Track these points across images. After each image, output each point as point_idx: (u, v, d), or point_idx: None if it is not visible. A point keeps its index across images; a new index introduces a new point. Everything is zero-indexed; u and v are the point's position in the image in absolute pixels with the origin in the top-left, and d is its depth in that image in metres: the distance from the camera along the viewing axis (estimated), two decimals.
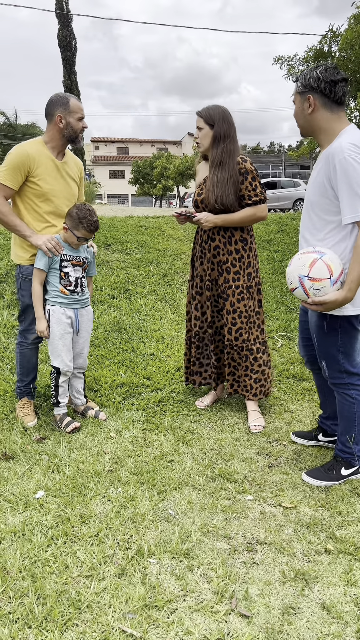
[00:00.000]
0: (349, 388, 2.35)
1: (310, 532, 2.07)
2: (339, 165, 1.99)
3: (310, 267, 2.06)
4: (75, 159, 3.07)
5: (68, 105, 2.80)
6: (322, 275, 2.04)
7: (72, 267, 2.90)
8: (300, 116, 2.23)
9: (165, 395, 3.45)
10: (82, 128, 2.88)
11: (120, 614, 1.64)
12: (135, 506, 2.20)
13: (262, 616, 1.63)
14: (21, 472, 2.47)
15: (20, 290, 2.98)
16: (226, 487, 2.39)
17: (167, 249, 6.63)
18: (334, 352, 2.30)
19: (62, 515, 2.14)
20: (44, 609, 1.65)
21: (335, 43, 7.36)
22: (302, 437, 2.86)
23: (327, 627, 1.60)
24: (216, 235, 3.03)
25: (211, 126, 2.91)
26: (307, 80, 2.12)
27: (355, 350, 2.30)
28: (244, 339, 3.10)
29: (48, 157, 2.83)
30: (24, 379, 3.12)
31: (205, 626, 1.60)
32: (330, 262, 2.05)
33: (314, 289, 2.07)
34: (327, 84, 2.08)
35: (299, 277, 2.11)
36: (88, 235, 2.83)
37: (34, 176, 2.77)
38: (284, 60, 8.06)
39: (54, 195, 2.85)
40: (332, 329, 2.26)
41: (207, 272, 3.11)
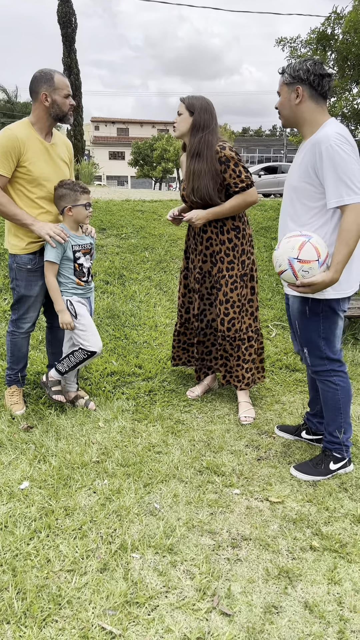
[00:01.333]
0: (331, 375, 2.37)
1: (296, 528, 2.06)
2: (325, 152, 2.06)
3: (300, 249, 2.11)
4: (63, 138, 2.96)
5: (53, 81, 2.66)
6: (310, 257, 2.10)
7: (83, 257, 2.85)
8: (286, 107, 2.27)
9: (156, 385, 3.42)
10: (69, 105, 2.74)
11: (100, 610, 1.62)
12: (120, 499, 2.18)
13: (244, 615, 1.62)
14: (7, 462, 2.45)
15: (15, 280, 2.88)
16: (213, 480, 2.36)
17: (163, 234, 6.55)
18: (315, 338, 2.34)
19: (47, 507, 2.11)
20: (23, 604, 1.63)
21: (339, 25, 7.19)
22: (285, 431, 2.84)
23: (308, 627, 1.58)
24: (208, 227, 2.99)
25: (191, 113, 2.86)
26: (297, 71, 2.18)
27: (336, 337, 2.34)
28: (237, 329, 3.06)
29: (36, 139, 2.71)
30: (14, 367, 3.07)
31: (186, 624, 1.58)
32: (317, 244, 2.12)
33: (303, 270, 2.13)
34: (316, 76, 2.16)
35: (288, 260, 2.15)
36: (89, 198, 2.80)
37: (24, 160, 2.65)
38: (286, 42, 7.89)
39: (45, 180, 2.74)
40: (314, 314, 2.30)
41: (199, 265, 3.08)
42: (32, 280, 2.85)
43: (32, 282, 2.86)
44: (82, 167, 14.64)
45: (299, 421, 3.00)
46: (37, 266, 2.83)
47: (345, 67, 7.40)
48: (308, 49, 7.69)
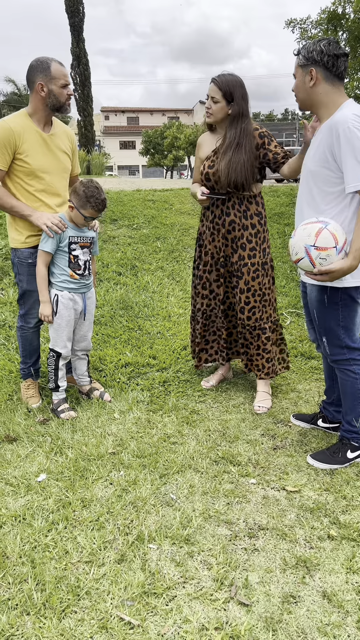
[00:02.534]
0: (351, 363, 2.33)
1: (313, 517, 2.04)
2: (343, 134, 1.99)
3: (317, 236, 2.06)
4: (65, 128, 2.88)
5: (49, 70, 2.57)
6: (328, 244, 2.04)
7: (80, 250, 2.79)
8: (301, 89, 2.21)
9: (171, 375, 3.41)
10: (67, 95, 2.66)
11: (118, 601, 1.63)
12: (137, 490, 2.19)
13: (262, 605, 1.62)
14: (24, 455, 2.47)
15: (18, 274, 2.87)
16: (229, 470, 2.36)
17: (174, 223, 6.52)
18: (335, 327, 2.29)
19: (64, 499, 2.13)
20: (42, 596, 1.65)
21: (350, 4, 7.02)
22: (301, 419, 2.82)
23: (327, 617, 1.58)
24: (231, 210, 2.91)
25: (229, 102, 2.75)
26: (310, 53, 2.11)
27: (355, 325, 2.29)
28: (257, 318, 3.02)
29: (34, 130, 2.65)
30: (27, 360, 3.08)
31: (204, 614, 1.58)
32: (335, 231, 2.06)
33: (320, 258, 2.07)
34: (330, 57, 2.09)
35: (305, 247, 2.09)
36: (95, 215, 2.71)
37: (21, 152, 2.60)
38: (296, 24, 7.73)
39: (44, 172, 2.70)
40: (333, 303, 2.25)
41: (221, 249, 3.00)
42: (34, 274, 2.81)
43: (34, 277, 2.82)
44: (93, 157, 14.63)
45: (315, 409, 2.98)
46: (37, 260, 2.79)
47: (357, 46, 7.24)
48: (319, 30, 7.54)
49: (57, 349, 2.87)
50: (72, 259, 2.77)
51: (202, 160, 2.98)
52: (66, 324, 2.83)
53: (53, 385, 2.92)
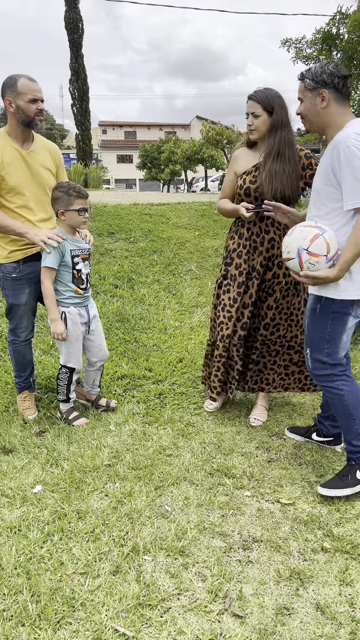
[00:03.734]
0: (334, 379, 2.29)
1: (307, 529, 2.06)
2: (343, 153, 2.03)
3: (312, 241, 2.11)
4: (47, 144, 2.87)
5: (15, 86, 2.57)
6: (320, 251, 2.10)
7: (82, 263, 2.79)
8: (312, 112, 2.22)
9: (166, 388, 3.44)
10: (36, 110, 2.60)
11: (113, 613, 1.64)
12: (132, 502, 2.20)
13: (256, 616, 1.63)
14: (20, 466, 2.48)
15: (4, 289, 2.86)
16: (224, 482, 2.38)
17: (171, 237, 6.58)
18: (319, 339, 2.29)
19: (59, 510, 2.14)
20: (37, 607, 1.65)
21: (344, 25, 7.18)
22: (296, 433, 2.83)
23: (320, 629, 1.59)
24: (270, 227, 2.85)
25: (269, 113, 2.72)
26: (320, 76, 2.16)
27: (341, 342, 2.27)
28: (280, 335, 2.96)
29: (12, 147, 2.65)
30: (22, 374, 3.08)
31: (198, 626, 1.59)
32: (330, 240, 2.11)
33: (309, 262, 2.13)
34: (339, 79, 2.15)
35: (297, 249, 2.15)
36: (84, 203, 2.70)
37: (0, 169, 2.60)
38: (291, 43, 7.88)
39: (24, 188, 2.69)
40: (324, 313, 2.25)
41: (256, 268, 2.89)
42: (18, 288, 2.82)
43: (19, 291, 2.82)
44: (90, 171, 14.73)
45: (310, 422, 3.01)
46: (21, 274, 2.80)
47: (351, 66, 7.38)
48: (314, 49, 7.69)
49: (70, 365, 2.86)
50: (75, 274, 2.76)
51: (239, 175, 2.90)
52: (76, 339, 2.83)
53: (64, 397, 2.93)
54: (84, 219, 2.74)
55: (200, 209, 7.82)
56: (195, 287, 5.44)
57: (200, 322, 4.62)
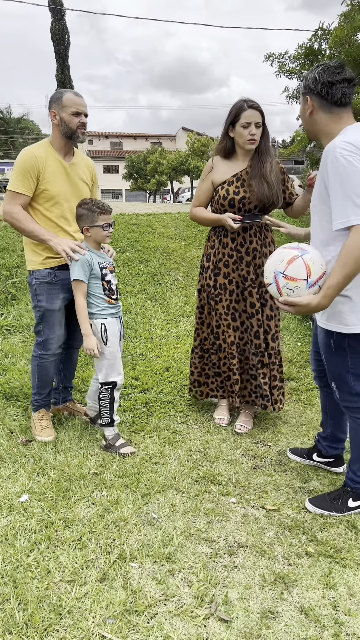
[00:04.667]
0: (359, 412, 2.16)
1: (291, 534, 2.09)
2: (331, 164, 1.86)
3: (288, 263, 1.91)
4: (86, 159, 2.95)
5: (61, 100, 2.67)
6: (298, 275, 1.90)
7: (110, 274, 2.75)
8: (302, 119, 2.15)
9: (153, 396, 3.46)
10: (78, 123, 2.69)
11: (100, 619, 1.65)
12: (119, 510, 2.21)
13: (241, 620, 1.65)
14: (6, 475, 2.48)
15: (37, 295, 2.80)
16: (210, 489, 2.40)
17: (157, 247, 6.63)
18: (344, 374, 2.11)
19: (46, 519, 2.14)
20: (24, 615, 1.66)
21: (326, 41, 7.35)
22: (297, 454, 2.73)
23: (304, 631, 1.62)
24: (253, 237, 2.91)
25: (264, 121, 2.84)
26: (307, 81, 2.05)
27: None
28: (278, 344, 3.02)
29: (55, 158, 2.71)
30: (42, 391, 2.97)
31: (184, 631, 1.61)
32: (311, 262, 1.90)
33: (287, 288, 1.93)
34: (323, 85, 1.97)
35: (274, 273, 1.96)
36: (108, 218, 2.67)
37: (42, 179, 2.66)
38: (274, 58, 8.04)
39: (63, 199, 2.73)
40: (340, 348, 2.08)
41: (249, 277, 2.94)
42: (54, 292, 2.78)
43: (54, 295, 2.79)
44: None
45: (295, 430, 3.05)
46: (56, 279, 2.77)
47: None
48: (296, 64, 7.85)
49: (111, 379, 2.75)
50: (105, 285, 2.71)
51: (216, 184, 2.96)
52: (117, 350, 2.77)
53: (108, 420, 2.78)
54: (108, 234, 2.71)
55: (186, 220, 7.89)
56: (181, 297, 5.48)
57: (186, 330, 4.66)
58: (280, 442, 2.91)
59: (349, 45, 6.79)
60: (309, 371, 3.99)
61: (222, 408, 3.23)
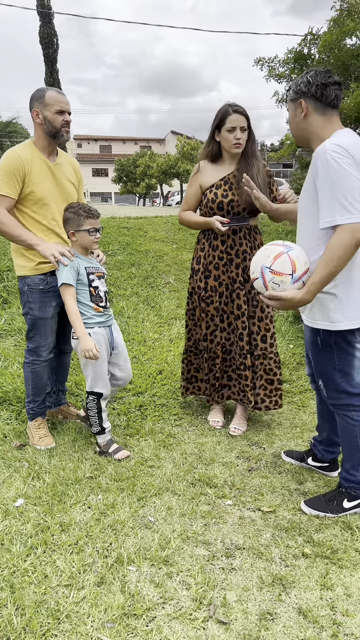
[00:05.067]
0: (350, 409, 2.17)
1: (288, 536, 2.10)
2: (321, 166, 1.92)
3: (275, 259, 1.99)
4: (70, 159, 2.88)
5: (43, 98, 2.60)
6: (284, 270, 1.98)
7: (98, 280, 2.69)
8: (293, 124, 2.16)
9: (147, 399, 3.46)
10: (62, 122, 2.63)
11: (99, 624, 1.64)
12: (115, 513, 2.21)
13: (240, 622, 1.66)
14: (1, 480, 2.46)
15: (28, 303, 2.74)
16: (206, 492, 2.40)
17: (149, 250, 6.64)
18: (330, 371, 2.16)
19: (42, 523, 2.13)
20: (22, 620, 1.65)
21: (315, 45, 7.42)
22: (292, 457, 2.72)
23: (303, 632, 1.62)
24: (243, 240, 2.94)
25: (249, 125, 2.87)
26: (298, 85, 2.09)
27: (354, 369, 2.12)
28: (264, 347, 3.02)
29: (40, 158, 2.65)
30: (37, 398, 2.91)
31: (183, 634, 1.61)
32: (296, 258, 1.98)
33: (273, 282, 2.00)
34: (317, 87, 2.03)
35: (261, 268, 2.04)
36: (95, 223, 2.62)
37: (28, 181, 2.59)
38: (264, 62, 8.10)
39: (50, 201, 2.67)
40: (327, 346, 2.12)
41: (237, 279, 2.97)
42: (46, 301, 2.73)
43: (46, 303, 2.73)
44: None
45: (289, 432, 3.06)
46: (49, 286, 2.71)
47: None
48: (286, 68, 7.91)
49: (97, 389, 2.71)
50: (92, 292, 2.66)
51: (205, 188, 2.98)
52: (102, 361, 2.70)
53: (99, 428, 2.75)
54: (95, 239, 2.66)
55: (177, 223, 7.89)
56: (173, 300, 5.49)
57: (179, 333, 4.66)
58: (275, 444, 2.92)
59: (338, 50, 6.87)
60: (302, 373, 4.01)
61: (216, 411, 3.24)
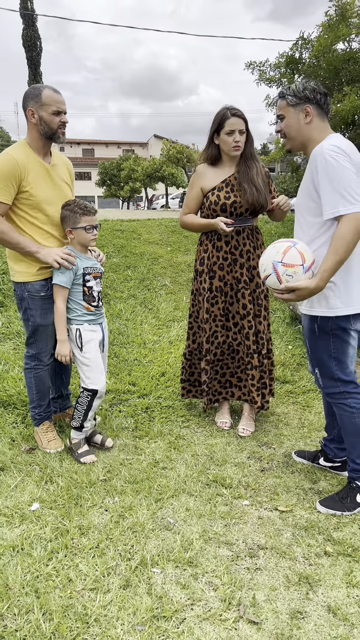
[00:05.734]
0: (345, 397, 2.24)
1: (308, 535, 2.10)
2: (320, 165, 2.06)
3: (284, 253, 2.12)
4: (63, 159, 2.80)
5: (39, 97, 2.49)
6: (295, 261, 2.10)
7: (94, 280, 2.68)
8: (294, 128, 2.24)
9: (152, 401, 3.44)
10: (59, 123, 2.55)
11: (129, 627, 1.63)
12: (133, 515, 2.19)
13: (271, 622, 1.65)
14: (13, 485, 2.43)
15: (29, 309, 2.67)
16: (222, 492, 2.40)
17: (144, 253, 6.62)
18: (326, 358, 2.25)
19: (61, 527, 2.11)
20: (51, 625, 1.62)
21: (306, 50, 7.51)
22: (302, 457, 2.74)
23: (334, 630, 1.62)
24: (246, 240, 2.98)
25: (247, 128, 2.91)
26: (302, 92, 2.19)
27: (349, 357, 2.23)
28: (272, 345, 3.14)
29: (36, 160, 2.55)
30: (42, 403, 2.86)
31: (215, 635, 1.60)
32: (303, 250, 2.13)
33: (287, 274, 2.11)
34: (321, 95, 2.20)
35: (273, 264, 2.15)
36: (92, 220, 2.61)
37: (25, 185, 2.49)
38: (255, 66, 8.17)
39: (48, 204, 2.58)
40: (323, 332, 2.22)
41: (242, 279, 2.99)
42: (47, 307, 2.66)
43: (48, 310, 2.67)
44: None
45: (297, 432, 3.07)
46: (50, 292, 2.65)
47: None
48: (276, 72, 7.98)
49: (92, 387, 2.67)
50: (86, 291, 2.65)
51: (206, 191, 3.00)
52: (95, 356, 2.68)
53: (78, 424, 2.72)
54: (93, 237, 2.64)
55: (171, 225, 7.91)
56: (170, 302, 5.48)
57: (178, 335, 4.65)
58: (284, 445, 2.93)
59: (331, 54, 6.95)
60: (303, 374, 4.03)
61: (223, 412, 3.24)
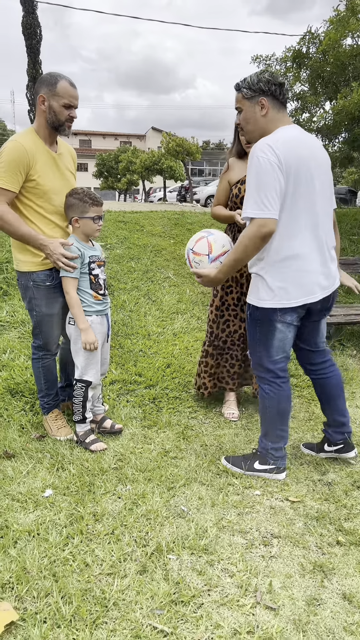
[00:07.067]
0: (264, 382, 2.42)
1: (319, 525, 2.13)
2: (249, 163, 2.11)
3: (196, 242, 2.42)
4: (68, 147, 2.76)
5: (55, 86, 2.43)
6: (202, 251, 2.40)
7: (99, 269, 2.68)
8: (251, 121, 2.25)
9: (159, 392, 3.45)
10: (68, 116, 2.50)
11: (148, 611, 1.64)
12: (146, 503, 2.20)
13: (288, 608, 1.67)
14: (25, 471, 2.44)
15: (34, 299, 2.64)
16: (233, 482, 2.42)
17: (147, 244, 6.62)
18: (254, 343, 2.40)
19: (75, 513, 2.12)
20: (70, 608, 1.64)
21: (313, 45, 7.51)
22: (311, 449, 2.77)
23: (350, 617, 1.65)
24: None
25: None
26: (257, 84, 2.20)
27: (274, 347, 2.34)
28: None
29: (44, 149, 2.52)
30: (50, 392, 2.87)
31: (233, 619, 1.62)
32: (214, 242, 2.38)
33: (194, 261, 2.43)
34: (276, 86, 2.21)
35: (187, 250, 2.49)
36: (99, 211, 2.60)
37: (33, 174, 2.45)
38: (261, 60, 8.16)
39: (55, 193, 2.55)
40: (252, 319, 2.37)
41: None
42: (53, 297, 2.66)
43: (53, 299, 2.66)
44: None
45: (304, 425, 3.10)
46: (55, 282, 2.63)
47: (317, 84, 7.70)
48: (282, 66, 7.97)
49: (86, 377, 2.69)
50: (92, 280, 2.64)
51: (232, 184, 3.06)
52: (97, 350, 2.69)
53: (80, 417, 2.74)
54: (98, 227, 2.65)
55: (174, 218, 7.91)
56: (174, 294, 5.49)
57: (182, 328, 4.67)
58: (292, 437, 2.95)
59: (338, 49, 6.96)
60: None
61: (230, 403, 3.26)
